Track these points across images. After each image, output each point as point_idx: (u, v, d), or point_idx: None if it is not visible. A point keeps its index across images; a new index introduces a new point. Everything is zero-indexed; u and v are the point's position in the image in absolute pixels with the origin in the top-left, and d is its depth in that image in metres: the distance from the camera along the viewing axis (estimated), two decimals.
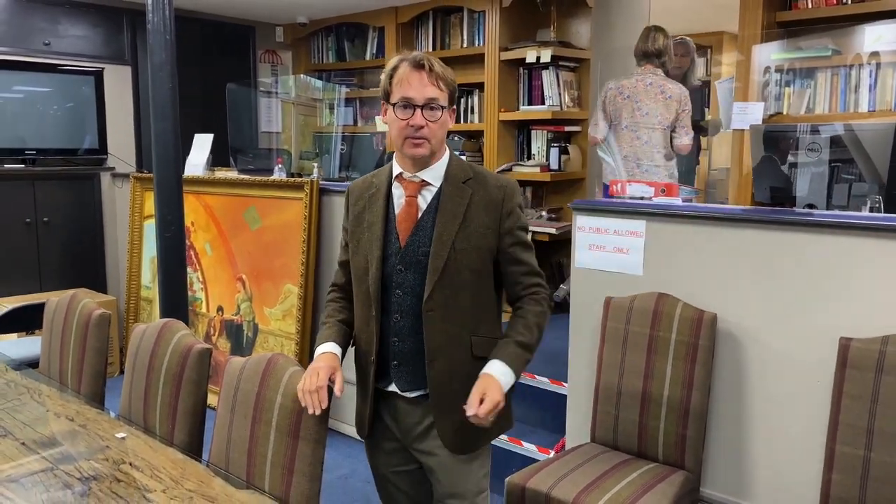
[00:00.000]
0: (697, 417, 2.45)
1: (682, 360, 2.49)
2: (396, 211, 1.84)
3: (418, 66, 1.71)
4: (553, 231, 4.33)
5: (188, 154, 4.62)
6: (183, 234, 3.07)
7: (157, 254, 3.05)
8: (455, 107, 1.84)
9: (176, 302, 3.00)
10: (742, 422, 2.53)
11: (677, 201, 2.88)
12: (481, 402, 1.70)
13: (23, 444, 2.03)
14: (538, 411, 3.42)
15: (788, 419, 2.43)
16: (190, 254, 4.60)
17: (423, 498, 2.00)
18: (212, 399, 2.26)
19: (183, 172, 3.15)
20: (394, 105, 1.75)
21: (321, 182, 3.90)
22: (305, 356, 3.91)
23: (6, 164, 4.69)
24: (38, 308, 2.89)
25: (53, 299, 2.70)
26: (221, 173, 4.56)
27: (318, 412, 1.70)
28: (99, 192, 5.15)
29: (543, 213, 4.78)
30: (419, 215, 1.82)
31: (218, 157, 4.87)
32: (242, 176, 4.38)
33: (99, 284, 5.15)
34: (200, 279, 4.55)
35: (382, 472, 1.97)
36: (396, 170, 1.85)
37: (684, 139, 3.77)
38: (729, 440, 2.56)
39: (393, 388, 1.86)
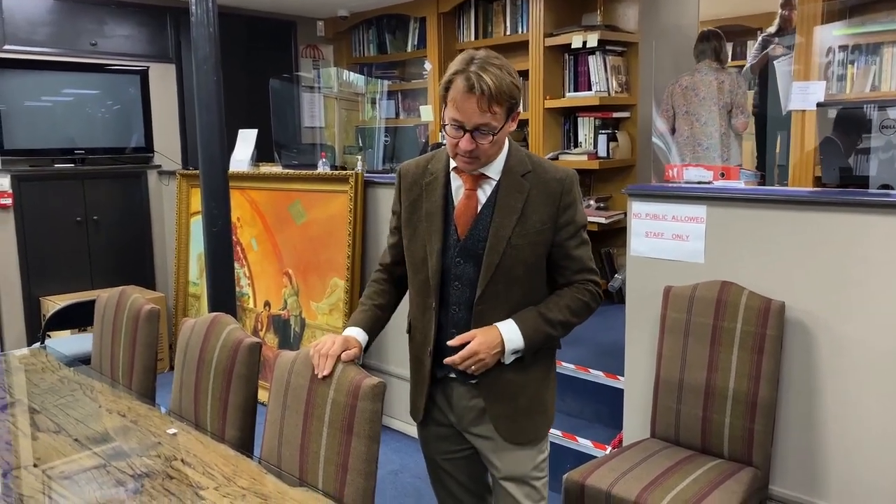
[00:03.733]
0: (765, 411, 2.33)
1: (748, 352, 2.36)
2: (455, 202, 1.80)
3: (470, 89, 1.61)
4: (602, 220, 4.21)
5: (233, 150, 4.62)
6: (230, 229, 3.04)
7: (205, 249, 3.03)
8: (518, 111, 1.74)
9: (224, 297, 2.98)
10: (814, 416, 2.39)
11: (739, 184, 2.74)
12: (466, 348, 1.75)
13: (76, 440, 2.01)
14: (593, 406, 3.32)
15: (864, 413, 2.29)
16: (236, 249, 4.61)
17: (475, 486, 1.98)
18: (262, 395, 2.22)
19: (228, 167, 3.13)
20: (445, 120, 1.69)
21: (365, 174, 3.85)
22: None
23: (56, 163, 4.76)
24: (90, 305, 2.90)
25: (104, 296, 2.70)
26: (266, 168, 4.55)
27: (320, 375, 1.77)
28: (146, 190, 5.20)
29: (591, 202, 4.66)
30: (478, 209, 1.78)
31: (262, 153, 4.86)
32: (287, 171, 4.36)
33: (147, 281, 5.20)
34: (247, 274, 4.55)
35: (435, 458, 1.95)
36: (454, 161, 1.78)
37: (740, 118, 4.10)
38: (799, 435, 2.43)
39: (452, 375, 1.84)
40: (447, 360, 1.74)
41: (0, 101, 4.50)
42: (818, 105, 3.05)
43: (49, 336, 4.38)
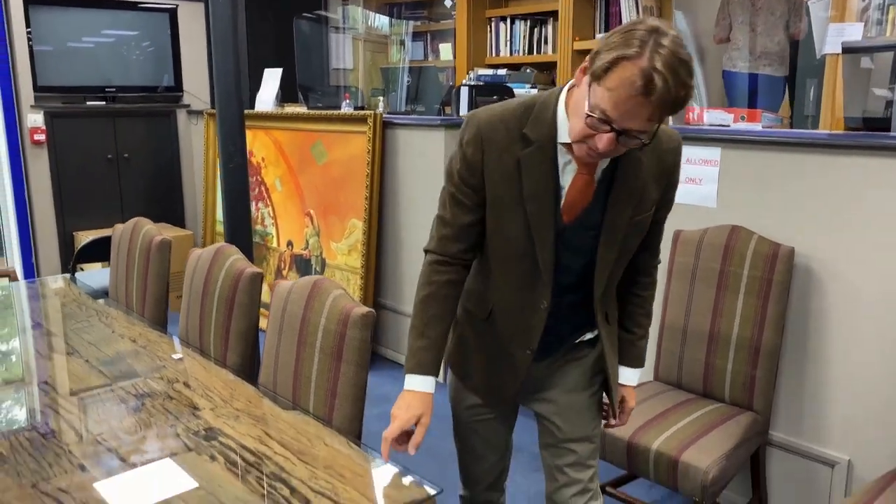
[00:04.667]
0: (769, 357, 2.30)
1: (754, 297, 2.33)
2: (563, 183, 1.46)
3: (648, 93, 1.22)
4: None
5: (259, 90, 4.64)
6: (245, 166, 3.08)
7: (221, 185, 3.08)
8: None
9: (239, 232, 3.04)
10: (818, 363, 2.36)
11: (757, 127, 2.66)
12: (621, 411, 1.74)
13: (87, 361, 2.10)
14: None
15: (869, 362, 2.25)
16: (261, 189, 4.67)
17: (499, 444, 1.81)
18: (264, 323, 2.27)
19: (245, 104, 3.14)
20: (590, 105, 1.30)
21: (385, 115, 3.83)
22: (370, 291, 3.92)
23: (89, 101, 4.84)
24: None
25: (119, 227, 2.77)
26: (291, 108, 4.56)
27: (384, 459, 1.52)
28: (175, 130, 5.27)
29: None
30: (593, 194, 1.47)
31: (288, 94, 4.87)
32: (309, 111, 4.37)
33: (177, 219, 5.31)
34: (271, 214, 4.61)
35: (465, 417, 1.76)
36: (564, 135, 1.41)
37: (799, 25, 4.21)
38: (802, 382, 2.41)
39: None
40: (614, 425, 1.76)
41: (34, 39, 4.58)
42: (846, 49, 2.91)
43: (81, 269, 4.53)
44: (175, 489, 1.42)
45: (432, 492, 1.42)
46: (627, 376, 1.73)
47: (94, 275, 3.99)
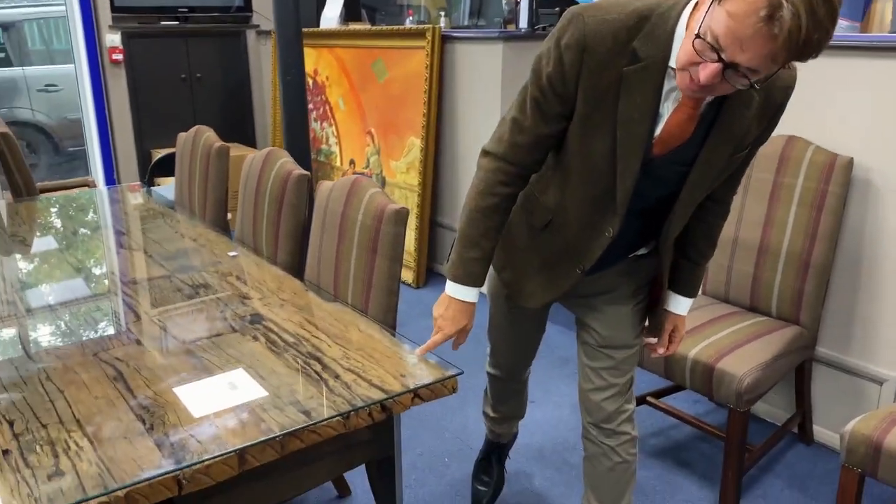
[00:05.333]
0: (819, 271, 2.25)
1: (807, 209, 2.26)
2: (663, 111, 1.30)
3: (773, 34, 1.04)
4: None
5: (324, 8, 4.66)
6: (303, 78, 3.14)
7: (280, 97, 3.16)
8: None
9: (297, 142, 3.12)
10: (871, 279, 2.29)
11: None
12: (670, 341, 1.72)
13: (150, 256, 2.25)
14: None
15: None
16: (325, 109, 4.75)
17: (529, 341, 1.86)
18: None
19: (307, 20, 3.18)
20: (702, 26, 1.13)
21: (444, 30, 3.80)
22: (427, 209, 3.98)
23: (163, 21, 4.99)
24: None
25: (182, 135, 2.90)
26: (355, 26, 4.57)
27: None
28: (245, 50, 5.38)
29: None
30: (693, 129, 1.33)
31: (353, 13, 4.88)
32: (371, 27, 4.37)
33: (247, 138, 5.48)
34: (335, 133, 4.70)
35: (504, 309, 1.79)
36: (678, 77, 1.22)
37: None
38: (854, 298, 2.34)
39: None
40: (661, 354, 1.73)
41: None
42: None
43: (157, 183, 4.77)
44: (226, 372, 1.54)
45: (454, 372, 1.50)
46: (680, 305, 1.67)
47: (168, 189, 4.20)
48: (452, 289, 1.55)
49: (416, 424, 2.67)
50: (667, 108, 1.30)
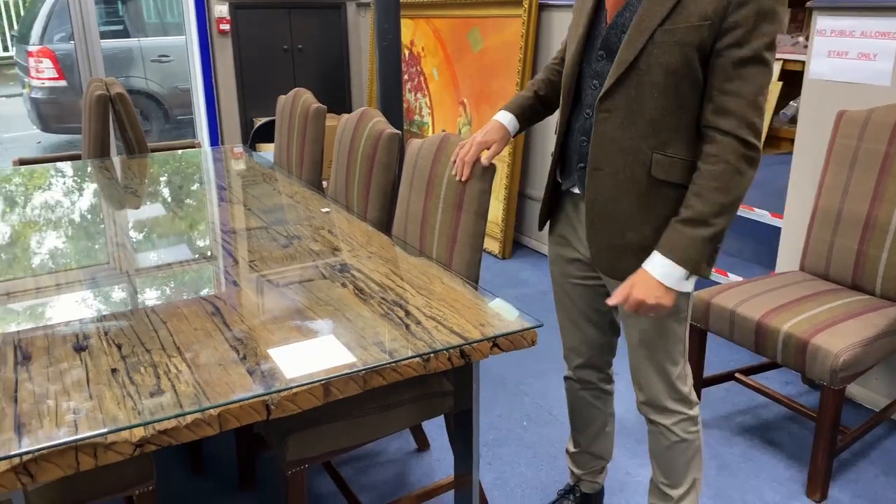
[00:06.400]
0: None
1: None
2: None
3: None
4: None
5: None
6: (399, 45, 3.18)
7: (377, 64, 3.21)
8: None
9: (392, 106, 3.18)
10: None
11: None
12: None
13: (249, 209, 2.36)
14: (753, 245, 3.18)
15: None
16: (420, 80, 4.79)
17: (598, 318, 1.79)
18: None
19: None
20: None
21: None
22: (515, 181, 3.97)
23: None
24: None
25: (282, 97, 3.01)
26: None
27: (460, 179, 1.81)
28: (345, 22, 5.49)
29: (800, 39, 4.18)
30: None
31: None
32: None
33: (344, 109, 5.61)
34: (428, 104, 4.74)
35: (560, 279, 1.79)
36: None
37: None
38: None
39: (577, 190, 1.63)
40: (611, 300, 1.52)
41: None
42: None
43: (257, 149, 4.96)
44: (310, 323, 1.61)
45: (533, 324, 1.50)
46: (650, 261, 1.46)
47: (267, 154, 4.36)
48: (496, 115, 1.82)
49: (496, 387, 2.69)
50: None
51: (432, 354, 1.40)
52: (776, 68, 4.35)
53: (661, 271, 1.44)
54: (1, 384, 1.28)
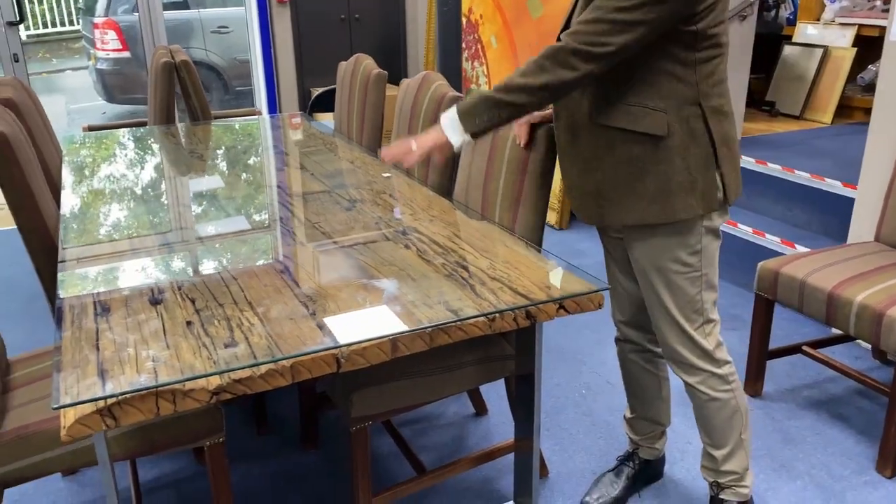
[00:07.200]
0: None
1: None
2: None
3: None
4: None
5: None
6: (458, 11, 3.15)
7: (436, 29, 3.19)
8: None
9: (450, 71, 3.15)
10: None
11: None
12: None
13: (311, 173, 2.39)
14: (822, 216, 3.08)
15: None
16: (477, 48, 4.74)
17: (630, 268, 1.79)
18: None
19: None
20: None
21: None
22: None
23: None
24: None
25: (343, 63, 3.01)
26: None
27: (520, 143, 1.80)
28: None
29: (877, 3, 4.00)
30: None
31: None
32: None
33: (403, 77, 5.60)
34: (485, 73, 4.69)
35: (604, 237, 1.81)
36: None
37: None
38: None
39: None
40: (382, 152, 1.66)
41: None
42: None
43: (315, 118, 5.00)
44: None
45: (601, 286, 1.49)
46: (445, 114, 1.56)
47: (326, 123, 4.39)
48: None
49: (554, 356, 2.69)
50: None
51: (497, 314, 1.40)
52: (849, 35, 4.17)
53: (445, 114, 1.56)
54: (83, 333, 1.33)
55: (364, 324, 1.34)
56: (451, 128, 1.55)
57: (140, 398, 1.13)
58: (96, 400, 1.11)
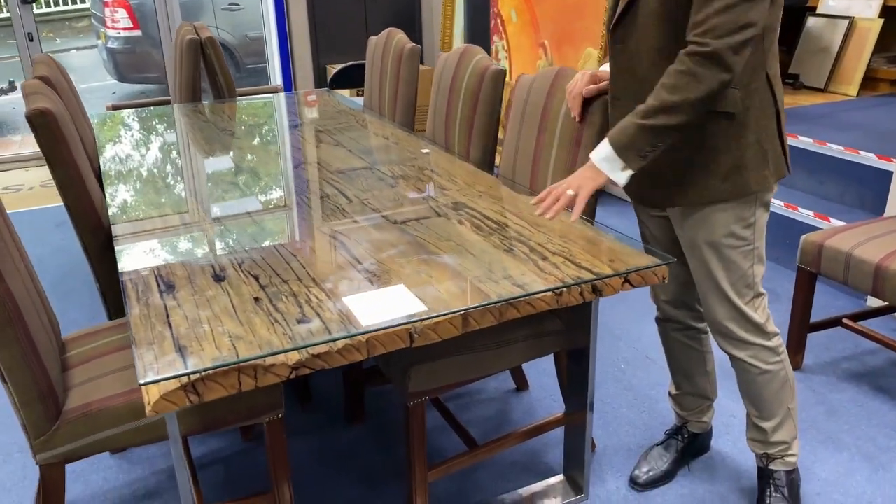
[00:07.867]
0: None
1: None
2: None
3: None
4: None
5: None
6: None
7: (465, 2, 3.14)
8: None
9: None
10: None
11: None
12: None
13: (349, 150, 2.37)
14: (857, 190, 3.06)
15: None
16: (497, 22, 4.69)
17: (672, 247, 1.76)
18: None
19: None
20: None
21: None
22: None
23: None
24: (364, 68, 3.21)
25: (373, 39, 2.98)
26: None
27: (574, 116, 1.77)
28: None
29: None
30: None
31: None
32: None
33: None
34: (505, 48, 4.65)
35: (640, 215, 1.79)
36: None
37: None
38: None
39: None
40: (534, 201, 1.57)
41: None
42: None
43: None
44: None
45: (663, 260, 1.48)
46: (595, 150, 1.50)
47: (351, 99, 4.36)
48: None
49: None
50: None
51: (565, 289, 1.39)
52: (876, 5, 4.11)
53: (597, 151, 1.49)
54: (151, 310, 1.33)
55: (434, 299, 1.33)
56: (609, 166, 1.47)
57: (223, 374, 1.13)
58: (180, 376, 1.11)
